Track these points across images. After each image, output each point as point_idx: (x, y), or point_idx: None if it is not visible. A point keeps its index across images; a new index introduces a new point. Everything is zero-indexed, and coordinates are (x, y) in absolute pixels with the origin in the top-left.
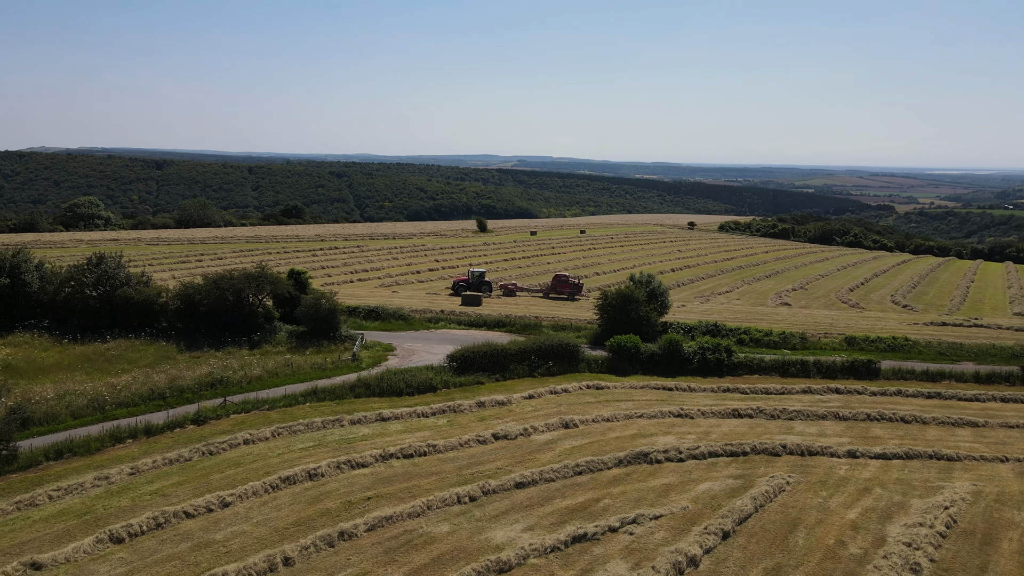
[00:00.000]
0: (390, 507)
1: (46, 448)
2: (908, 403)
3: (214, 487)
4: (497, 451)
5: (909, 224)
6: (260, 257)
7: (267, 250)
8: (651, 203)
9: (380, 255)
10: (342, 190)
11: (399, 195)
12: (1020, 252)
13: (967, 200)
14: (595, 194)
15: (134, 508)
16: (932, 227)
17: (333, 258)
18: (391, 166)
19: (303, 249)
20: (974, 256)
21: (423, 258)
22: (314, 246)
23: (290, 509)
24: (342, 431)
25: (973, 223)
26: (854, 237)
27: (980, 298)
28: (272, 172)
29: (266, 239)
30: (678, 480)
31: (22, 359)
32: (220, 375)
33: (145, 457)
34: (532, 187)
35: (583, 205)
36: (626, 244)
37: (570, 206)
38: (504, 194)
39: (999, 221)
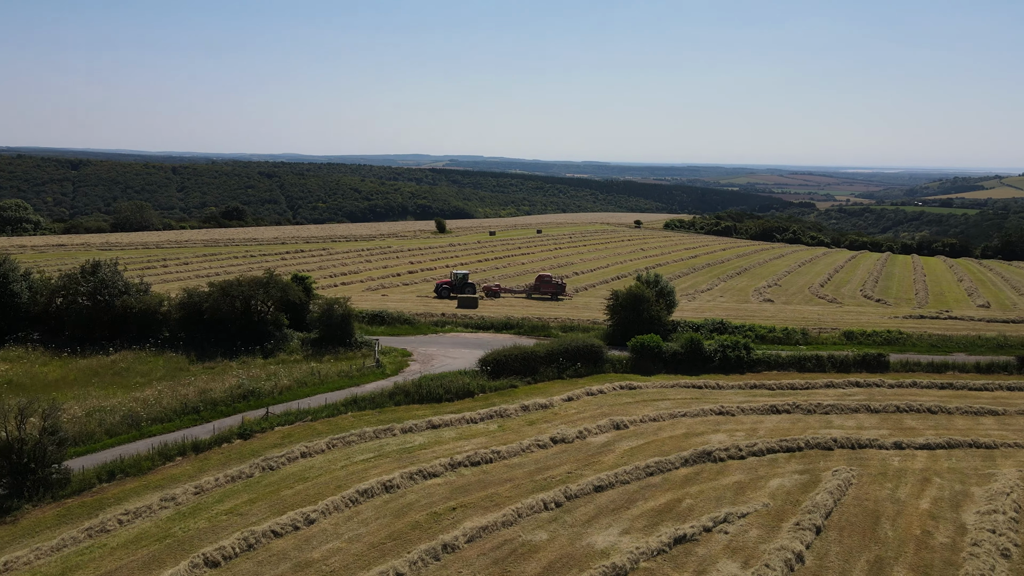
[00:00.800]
0: (479, 517)
1: (97, 469)
2: (926, 394)
3: (290, 504)
4: (559, 455)
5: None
6: (227, 261)
7: (231, 254)
8: (584, 202)
9: (351, 258)
10: (273, 191)
11: (333, 196)
12: (946, 246)
13: (880, 197)
14: (529, 193)
15: (215, 529)
16: (851, 223)
17: (305, 261)
18: (322, 166)
19: (269, 252)
20: (904, 251)
21: (395, 260)
22: (279, 249)
23: (377, 523)
24: (397, 440)
25: (888, 219)
26: (793, 234)
27: (940, 291)
28: (198, 172)
29: (223, 242)
30: (747, 477)
31: (23, 374)
32: (250, 386)
33: (204, 475)
34: (466, 187)
35: (518, 204)
36: (589, 243)
37: (505, 205)
38: (439, 194)
39: (911, 217)
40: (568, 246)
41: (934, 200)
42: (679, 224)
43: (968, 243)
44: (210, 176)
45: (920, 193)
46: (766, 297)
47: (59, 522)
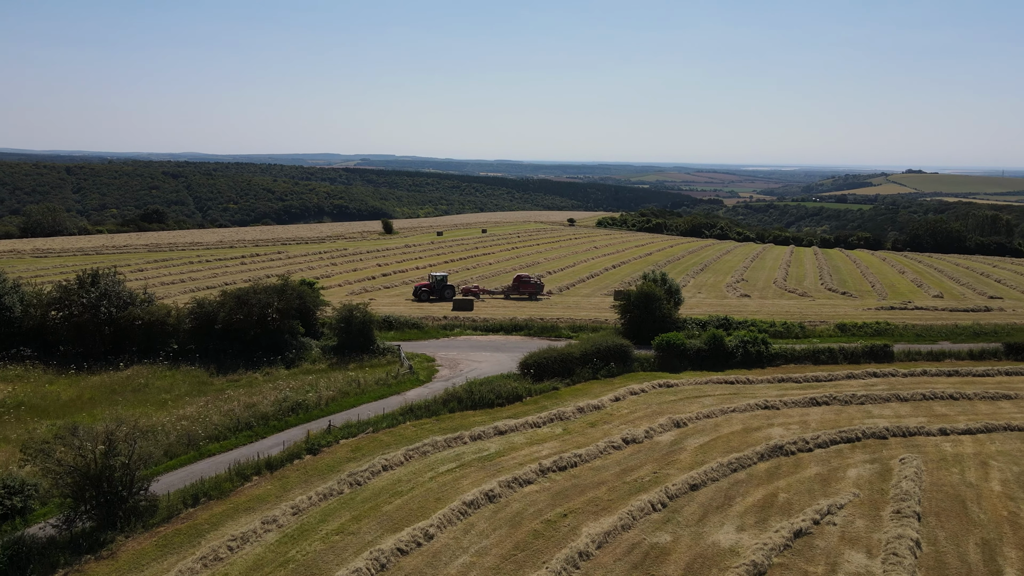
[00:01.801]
0: (594, 522)
1: (179, 494)
2: (939, 381)
3: (398, 519)
4: (636, 455)
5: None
6: (184, 267)
7: (183, 259)
8: (501, 200)
9: (313, 261)
10: (180, 192)
11: (244, 196)
12: (861, 240)
13: (780, 194)
14: (445, 192)
15: (335, 550)
16: (756, 218)
17: (267, 266)
18: (230, 166)
19: (224, 257)
20: (824, 245)
21: (361, 263)
22: (232, 254)
23: (497, 535)
24: (471, 449)
25: (791, 214)
26: (720, 230)
27: (891, 283)
28: (95, 172)
29: (166, 247)
30: (824, 469)
31: (32, 395)
32: (297, 399)
33: (290, 494)
34: (382, 186)
35: (435, 203)
36: (540, 242)
37: (423, 204)
38: (355, 194)
39: (812, 212)
40: (523, 245)
41: (830, 196)
42: (611, 222)
43: (881, 237)
44: (109, 176)
45: (816, 190)
46: (742, 292)
47: (163, 553)
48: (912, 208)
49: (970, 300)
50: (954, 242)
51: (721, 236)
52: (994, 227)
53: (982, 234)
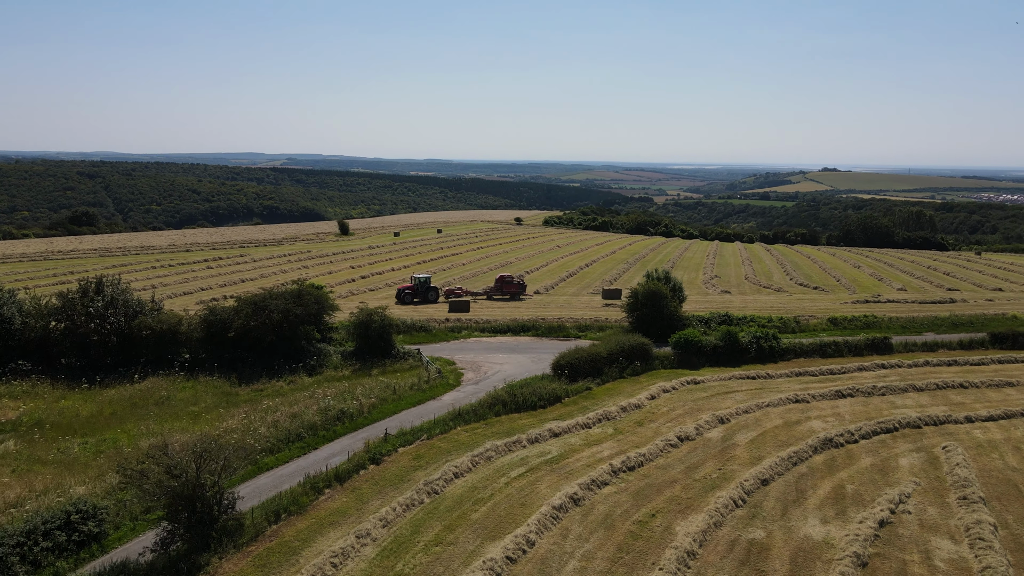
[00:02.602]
0: (684, 521)
1: (259, 510)
2: (943, 371)
3: (491, 527)
4: (694, 453)
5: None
6: (148, 272)
7: (143, 264)
8: (435, 200)
9: (283, 264)
10: (98, 193)
11: (168, 197)
12: (798, 236)
13: (705, 191)
14: (378, 192)
15: (441, 561)
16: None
17: (237, 270)
18: (149, 165)
19: (187, 261)
20: (764, 240)
21: (333, 265)
22: (194, 257)
23: (595, 538)
24: (532, 452)
25: (719, 211)
26: (665, 228)
27: (854, 278)
28: (3, 173)
29: (117, 251)
30: (877, 460)
31: (48, 411)
32: (340, 407)
33: (370, 506)
34: (312, 186)
35: (368, 203)
36: (503, 242)
37: (355, 204)
38: (285, 194)
39: (739, 209)
40: (487, 245)
41: (753, 194)
42: (557, 221)
43: (817, 233)
44: (18, 177)
45: (739, 187)
46: (721, 289)
47: (264, 574)
48: (832, 205)
49: (931, 293)
50: (883, 237)
51: (666, 234)
52: (918, 222)
53: (907, 229)
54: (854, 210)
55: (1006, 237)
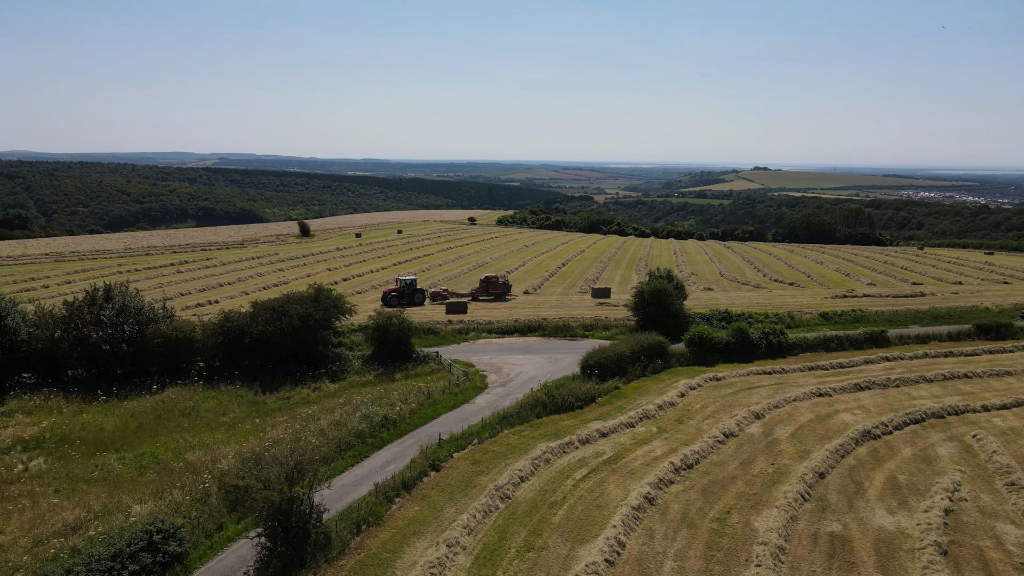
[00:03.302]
0: (759, 517)
1: (343, 521)
2: (943, 362)
3: (576, 530)
4: (741, 448)
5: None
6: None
7: (108, 268)
8: (375, 200)
9: (259, 267)
10: (18, 194)
11: (96, 198)
12: (746, 233)
13: (643, 190)
14: (316, 192)
15: (539, 566)
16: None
17: (211, 274)
18: (73, 165)
19: (155, 265)
20: (714, 238)
21: (307, 268)
22: (160, 261)
23: (681, 537)
24: (587, 452)
25: (659, 209)
26: (618, 226)
27: (822, 274)
28: None
29: (71, 256)
30: (917, 449)
31: (69, 426)
32: (382, 413)
33: (446, 514)
34: (248, 186)
35: (307, 204)
36: (468, 242)
37: (294, 205)
38: (221, 195)
39: (677, 207)
40: (457, 245)
41: (690, 192)
42: (511, 220)
43: (763, 230)
44: None
45: (676, 186)
46: (703, 286)
47: None
48: (767, 203)
49: (899, 287)
50: (826, 233)
51: (620, 232)
52: (857, 219)
53: (847, 225)
54: (788, 208)
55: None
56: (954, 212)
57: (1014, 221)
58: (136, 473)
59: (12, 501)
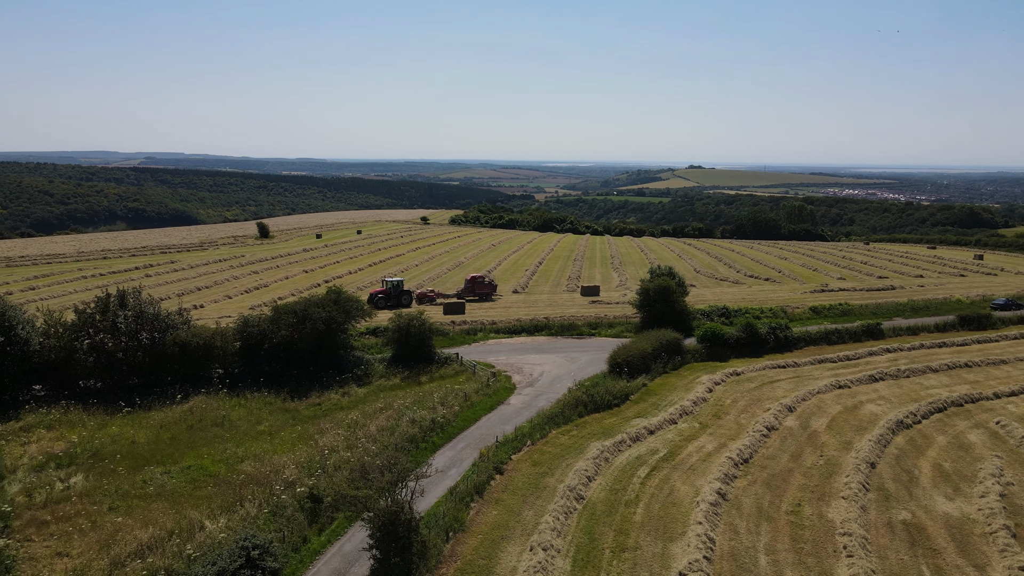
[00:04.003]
0: (828, 507)
1: (430, 529)
2: (940, 352)
3: (660, 528)
4: (787, 442)
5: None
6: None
7: (66, 274)
8: (314, 200)
9: (226, 269)
10: None
11: (15, 199)
12: (695, 231)
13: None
14: (252, 192)
15: (640, 566)
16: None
17: (185, 277)
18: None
19: (119, 270)
20: (664, 235)
21: (284, 270)
22: (122, 265)
23: (766, 531)
24: (642, 450)
25: (599, 207)
26: (571, 224)
27: (792, 269)
28: None
29: (19, 261)
30: (950, 437)
31: (100, 440)
32: (428, 416)
33: (525, 516)
34: (179, 187)
35: (243, 205)
36: (435, 242)
37: (229, 206)
38: (152, 195)
39: (618, 206)
40: (424, 245)
41: (628, 190)
42: (464, 219)
43: (712, 228)
44: None
45: (614, 184)
46: (688, 283)
47: None
48: (704, 200)
49: (868, 281)
50: (772, 230)
51: (574, 230)
52: (800, 216)
53: (791, 222)
54: (726, 205)
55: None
56: (882, 209)
57: (938, 217)
58: (190, 487)
59: (68, 521)
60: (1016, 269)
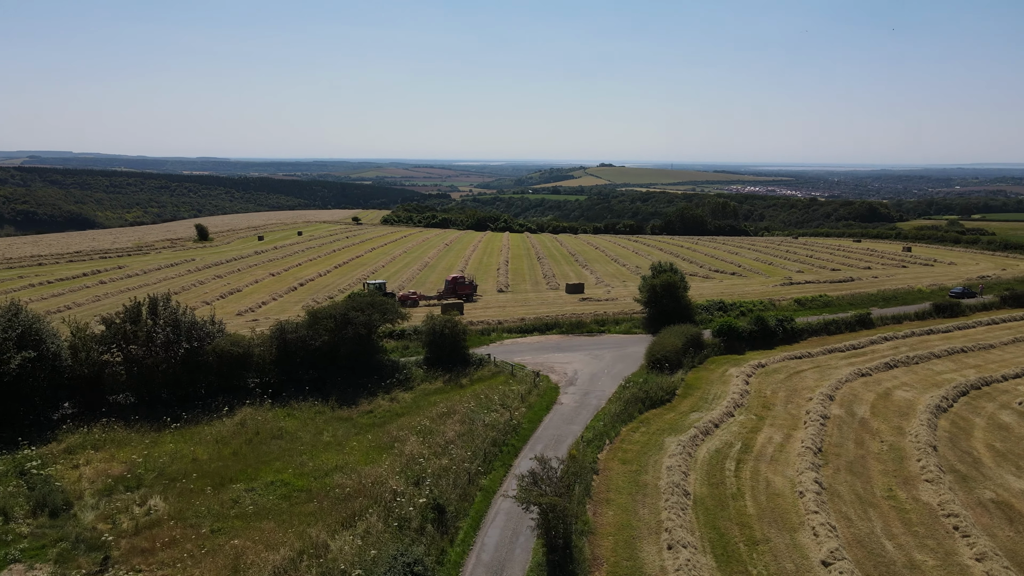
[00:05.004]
0: (915, 490)
1: None
2: (931, 339)
3: (775, 519)
4: (843, 429)
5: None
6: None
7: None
8: (221, 201)
9: (184, 274)
10: None
11: None
12: (626, 227)
13: (496, 187)
14: (154, 193)
15: (781, 556)
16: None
17: (145, 283)
18: None
19: (64, 276)
20: (596, 232)
21: (243, 274)
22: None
23: (877, 518)
24: (717, 443)
25: (516, 206)
26: (504, 223)
27: (749, 264)
28: None
29: None
30: (985, 418)
31: (160, 459)
32: (500, 420)
33: (642, 517)
34: (72, 187)
35: (144, 206)
36: (387, 243)
37: (129, 208)
38: (43, 197)
39: (535, 204)
40: (380, 246)
41: (542, 188)
42: (397, 219)
43: (642, 224)
44: None
45: (528, 182)
46: None
47: None
48: (620, 198)
49: (825, 274)
50: (699, 225)
51: (508, 228)
52: (724, 212)
53: (716, 218)
54: (641, 202)
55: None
56: (789, 205)
57: (840, 212)
58: (286, 503)
59: (174, 547)
60: (948, 260)
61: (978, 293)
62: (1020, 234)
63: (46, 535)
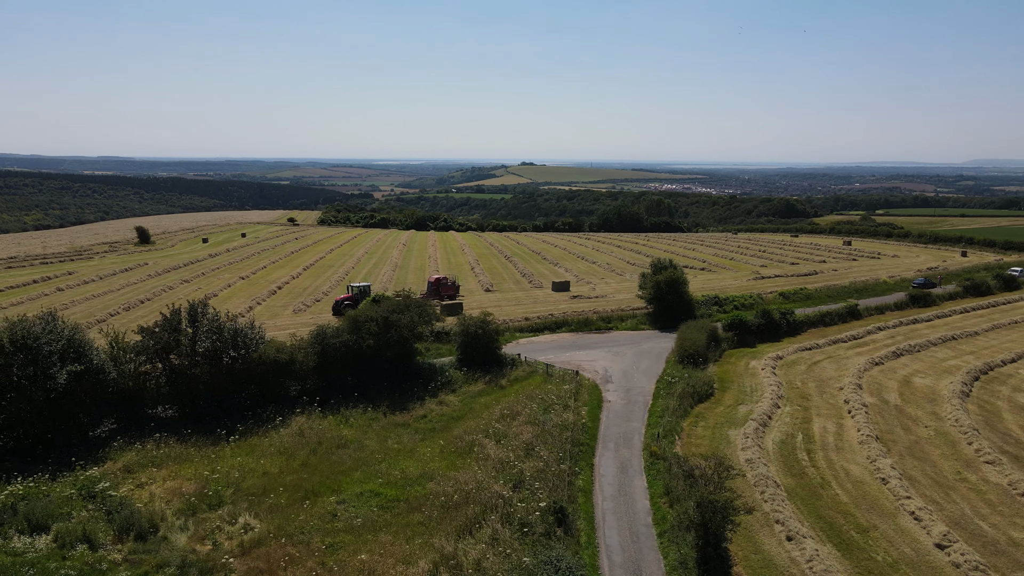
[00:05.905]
0: (979, 472)
1: None
2: (921, 328)
3: (872, 507)
4: (885, 416)
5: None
6: None
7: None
8: (130, 202)
9: (145, 278)
10: None
11: None
12: (565, 225)
13: (417, 186)
14: (54, 195)
15: (894, 536)
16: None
17: (107, 289)
18: None
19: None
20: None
21: (206, 279)
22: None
23: (960, 499)
24: (780, 435)
25: (441, 205)
26: (444, 222)
27: (701, 257)
28: None
29: None
30: (1004, 401)
31: (227, 475)
32: (563, 422)
33: None
34: None
35: (44, 208)
36: (342, 243)
37: (28, 210)
38: None
39: (460, 203)
40: (337, 247)
41: (465, 187)
42: (334, 219)
43: (580, 222)
44: None
45: (449, 181)
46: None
47: None
48: (545, 196)
49: (788, 268)
50: (636, 223)
51: (448, 228)
52: (659, 210)
53: (651, 215)
54: (567, 200)
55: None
56: (711, 202)
57: (761, 208)
58: (387, 515)
59: (295, 565)
60: (890, 252)
61: (938, 283)
62: (924, 227)
63: (143, 560)
